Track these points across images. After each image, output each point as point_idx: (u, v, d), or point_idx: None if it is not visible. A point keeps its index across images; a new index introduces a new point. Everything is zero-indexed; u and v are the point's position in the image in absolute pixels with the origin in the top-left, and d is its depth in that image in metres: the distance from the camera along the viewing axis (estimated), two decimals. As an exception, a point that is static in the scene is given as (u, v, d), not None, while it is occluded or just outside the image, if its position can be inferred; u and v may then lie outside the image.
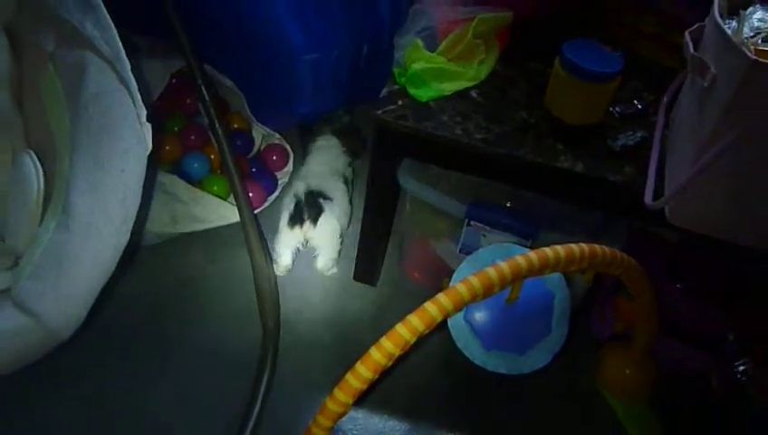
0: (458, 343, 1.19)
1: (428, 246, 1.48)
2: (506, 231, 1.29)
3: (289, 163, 1.73)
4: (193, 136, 1.68)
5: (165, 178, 1.49)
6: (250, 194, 1.51)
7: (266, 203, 1.64)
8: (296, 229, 1.51)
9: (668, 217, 1.01)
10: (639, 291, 1.14)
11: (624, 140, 1.17)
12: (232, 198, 1.53)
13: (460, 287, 0.83)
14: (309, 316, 1.54)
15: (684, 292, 1.42)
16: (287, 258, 1.55)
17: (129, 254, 1.13)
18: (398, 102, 1.21)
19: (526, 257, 0.87)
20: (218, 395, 1.38)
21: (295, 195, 1.54)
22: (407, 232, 1.52)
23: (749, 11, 0.93)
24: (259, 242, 1.42)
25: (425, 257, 1.51)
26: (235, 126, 1.73)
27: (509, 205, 1.31)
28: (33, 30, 1.24)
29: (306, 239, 1.53)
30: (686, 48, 0.97)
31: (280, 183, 1.69)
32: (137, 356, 1.44)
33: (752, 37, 0.89)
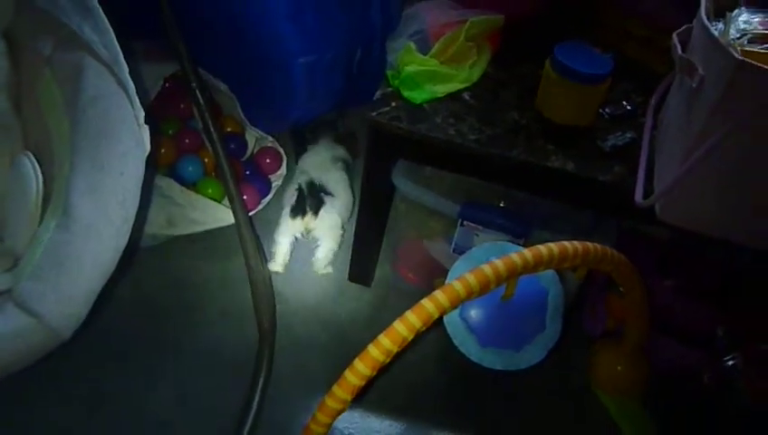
0: (455, 340, 1.20)
1: (422, 247, 1.49)
2: (499, 231, 1.30)
3: (282, 166, 1.74)
4: (187, 139, 1.68)
5: (160, 180, 1.50)
6: (244, 197, 1.52)
7: (260, 205, 1.65)
8: (297, 220, 1.54)
9: (658, 214, 1.03)
10: (630, 288, 1.16)
11: (614, 140, 1.19)
12: (226, 200, 1.55)
13: (456, 284, 0.84)
14: (304, 317, 1.55)
15: (674, 289, 1.44)
16: (286, 249, 1.57)
17: (128, 255, 1.14)
18: (392, 104, 1.23)
19: (521, 255, 0.88)
20: (216, 395, 1.39)
21: (298, 187, 1.57)
22: (400, 233, 1.54)
23: (735, 13, 0.95)
24: (254, 244, 1.43)
25: (418, 258, 1.52)
26: (229, 129, 1.73)
27: (502, 205, 1.33)
28: (30, 34, 1.24)
29: (307, 230, 1.56)
30: (674, 49, 0.99)
31: (273, 186, 1.70)
32: (135, 357, 1.44)
33: (738, 39, 0.91)
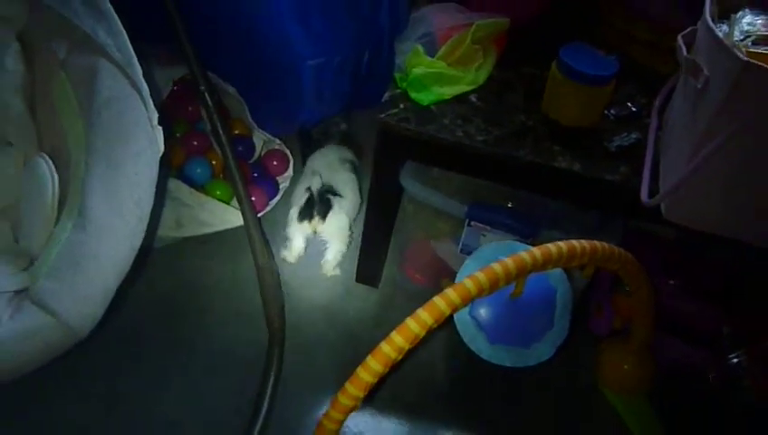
0: (464, 338, 1.21)
1: (429, 247, 1.50)
2: (506, 231, 1.31)
3: (289, 168, 1.75)
4: (195, 141, 1.70)
5: (170, 182, 1.51)
6: (252, 198, 1.53)
7: (268, 207, 1.67)
8: (305, 223, 1.55)
9: (664, 214, 1.04)
10: (637, 287, 1.18)
11: (619, 141, 1.20)
12: (235, 202, 1.56)
13: (467, 282, 0.85)
14: (313, 317, 1.56)
15: (678, 288, 1.45)
16: (299, 244, 1.59)
17: (143, 255, 1.15)
18: (400, 106, 1.24)
19: (530, 253, 0.90)
20: (227, 394, 1.41)
21: (306, 189, 1.58)
22: (408, 233, 1.55)
23: (739, 15, 0.97)
24: (263, 245, 1.44)
25: (425, 258, 1.54)
26: (237, 132, 1.75)
27: (510, 205, 1.34)
28: (45, 37, 1.26)
29: (315, 232, 1.57)
30: (679, 51, 1.00)
31: (281, 187, 1.72)
32: (148, 357, 1.46)
33: (742, 40, 0.93)
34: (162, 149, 1.16)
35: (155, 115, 1.15)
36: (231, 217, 1.56)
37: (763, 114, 0.85)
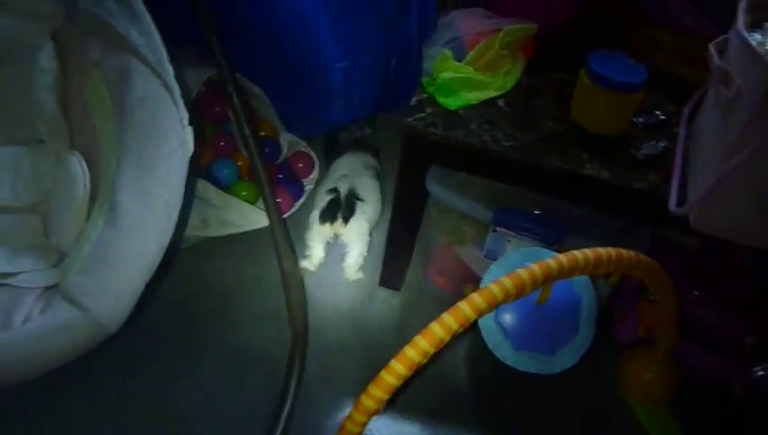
0: (489, 344, 1.21)
1: (453, 252, 1.50)
2: (531, 237, 1.31)
3: (315, 170, 1.76)
4: (222, 142, 1.71)
5: (197, 183, 1.53)
6: (278, 200, 1.54)
7: (293, 209, 1.68)
8: (327, 225, 1.54)
9: (692, 223, 1.03)
10: (663, 296, 1.17)
11: (648, 149, 1.20)
12: (260, 203, 1.57)
13: (493, 287, 0.85)
14: (336, 321, 1.57)
15: (703, 299, 1.44)
16: (319, 251, 1.59)
17: (170, 255, 1.16)
18: (427, 110, 1.24)
19: (556, 260, 0.89)
20: (247, 396, 1.41)
21: (330, 190, 1.58)
22: (432, 238, 1.55)
23: (772, 24, 0.96)
24: (288, 247, 1.45)
25: (449, 263, 1.53)
26: (263, 133, 1.76)
27: (537, 212, 1.34)
28: (79, 37, 1.28)
29: (336, 235, 1.57)
30: (710, 59, 0.99)
31: (306, 189, 1.73)
32: (166, 358, 1.47)
33: (775, 49, 0.92)
34: (192, 150, 1.17)
35: (186, 116, 1.17)
36: (256, 217, 1.57)
37: (795, 124, 0.84)
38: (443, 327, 0.82)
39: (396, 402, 1.37)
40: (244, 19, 1.45)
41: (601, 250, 0.93)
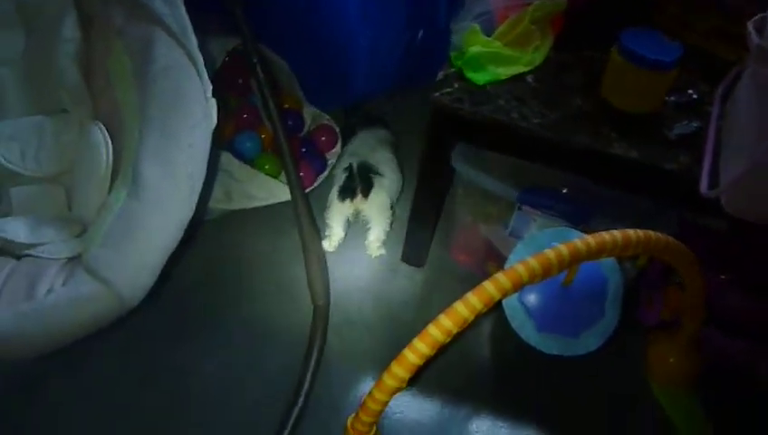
0: (513, 324, 1.20)
1: (477, 230, 1.49)
2: (557, 216, 1.30)
3: (337, 144, 1.75)
4: (246, 115, 1.70)
5: (221, 155, 1.52)
6: (301, 174, 1.53)
7: (316, 183, 1.67)
8: (347, 202, 1.53)
9: (724, 205, 1.01)
10: (691, 279, 1.15)
11: (679, 129, 1.17)
12: (283, 176, 1.56)
13: (519, 268, 0.83)
14: (357, 296, 1.56)
15: (730, 282, 1.41)
16: (339, 231, 1.58)
17: (193, 228, 1.16)
18: (455, 85, 1.22)
19: (584, 241, 0.87)
20: (266, 370, 1.42)
21: (346, 168, 1.56)
22: (456, 215, 1.54)
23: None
24: (310, 221, 1.44)
25: (473, 241, 1.52)
26: (287, 106, 1.75)
27: (564, 191, 1.32)
28: (102, 6, 1.27)
29: (357, 211, 1.56)
30: (749, 38, 0.96)
31: (329, 163, 1.72)
32: (188, 330, 1.47)
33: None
34: (215, 122, 1.16)
35: (209, 87, 1.15)
36: (279, 191, 1.57)
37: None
38: (467, 307, 0.81)
39: (418, 380, 1.37)
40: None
41: (630, 232, 0.92)
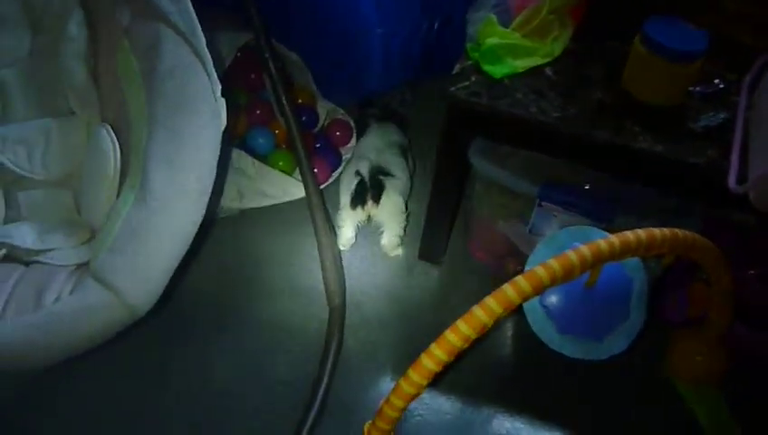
0: (533, 327, 1.16)
1: (495, 226, 1.46)
2: (579, 213, 1.27)
3: (352, 139, 1.73)
4: (258, 110, 1.69)
5: (232, 153, 1.50)
6: (315, 170, 1.51)
7: (331, 179, 1.65)
8: (358, 209, 1.51)
9: (753, 201, 0.98)
10: (718, 277, 1.11)
11: (706, 121, 1.13)
12: (297, 173, 1.54)
13: (540, 270, 0.80)
14: (373, 294, 1.54)
15: (758, 278, 1.38)
16: (348, 232, 1.56)
17: (204, 229, 1.14)
18: (471, 79, 1.19)
19: (608, 241, 0.84)
20: (282, 369, 1.41)
21: (356, 173, 1.53)
22: (474, 211, 1.51)
23: None
24: (324, 218, 1.43)
25: (491, 237, 1.49)
26: (300, 101, 1.73)
27: (587, 187, 1.28)
28: (109, 4, 1.25)
29: (369, 217, 1.54)
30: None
31: (344, 159, 1.69)
32: (203, 331, 1.46)
33: None
34: (225, 123, 1.14)
35: (218, 86, 1.13)
36: (293, 189, 1.55)
37: None
38: (486, 311, 0.79)
39: (438, 382, 1.35)
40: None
41: (655, 231, 0.89)
